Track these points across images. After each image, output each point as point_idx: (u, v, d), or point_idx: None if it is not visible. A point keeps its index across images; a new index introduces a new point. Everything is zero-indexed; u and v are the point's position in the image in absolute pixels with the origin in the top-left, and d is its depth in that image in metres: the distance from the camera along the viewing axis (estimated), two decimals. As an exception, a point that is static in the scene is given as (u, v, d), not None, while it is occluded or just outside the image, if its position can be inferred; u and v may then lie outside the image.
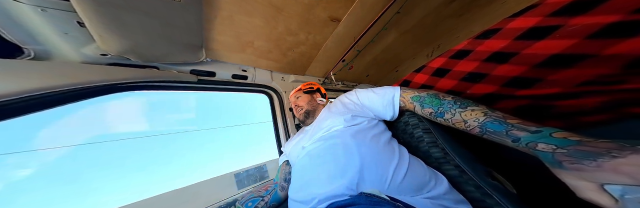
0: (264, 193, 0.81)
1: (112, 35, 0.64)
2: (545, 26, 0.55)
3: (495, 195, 0.51)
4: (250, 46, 1.04)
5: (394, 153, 0.62)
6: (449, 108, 0.59)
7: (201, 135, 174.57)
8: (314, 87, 1.10)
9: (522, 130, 0.44)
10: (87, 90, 0.70)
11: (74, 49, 0.67)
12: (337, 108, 0.83)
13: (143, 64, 0.82)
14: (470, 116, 0.54)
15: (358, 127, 0.71)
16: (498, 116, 0.50)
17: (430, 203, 0.50)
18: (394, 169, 0.56)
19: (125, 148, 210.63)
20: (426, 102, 0.64)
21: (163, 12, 0.66)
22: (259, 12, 0.90)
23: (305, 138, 0.81)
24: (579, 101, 0.64)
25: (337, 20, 1.11)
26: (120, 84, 0.76)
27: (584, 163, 0.33)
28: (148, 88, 0.85)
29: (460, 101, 0.58)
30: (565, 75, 0.59)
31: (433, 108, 0.62)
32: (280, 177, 0.87)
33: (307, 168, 0.65)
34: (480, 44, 0.70)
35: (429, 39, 1.61)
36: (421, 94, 0.67)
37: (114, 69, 0.74)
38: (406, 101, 0.71)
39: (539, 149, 0.39)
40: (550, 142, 0.39)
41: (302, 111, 1.00)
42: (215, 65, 1.04)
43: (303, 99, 1.04)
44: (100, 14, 0.58)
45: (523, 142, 0.43)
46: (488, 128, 0.49)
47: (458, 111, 0.57)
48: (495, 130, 0.48)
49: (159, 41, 0.74)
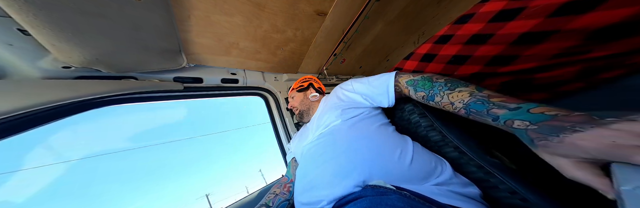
0: (289, 195, 0.74)
1: (68, 43, 0.52)
2: (511, 9, 0.59)
3: (497, 174, 0.51)
4: (236, 48, 0.93)
5: (397, 142, 0.59)
6: (438, 91, 0.54)
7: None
8: (304, 84, 1.00)
9: (502, 108, 0.40)
10: (55, 110, 0.59)
11: (29, 63, 0.55)
12: (333, 102, 0.77)
13: (117, 75, 0.70)
14: (457, 98, 0.49)
15: (356, 119, 0.66)
16: (483, 95, 0.46)
17: (438, 189, 0.48)
18: (398, 157, 0.53)
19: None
20: (419, 85, 0.59)
21: (124, 14, 0.54)
22: (238, 10, 0.78)
23: (306, 136, 0.77)
24: (555, 72, 0.70)
25: (324, 14, 0.99)
26: (94, 100, 0.65)
27: (549, 139, 0.30)
28: (128, 101, 0.74)
29: (451, 82, 0.54)
30: (538, 50, 0.63)
31: (425, 91, 0.57)
32: (293, 174, 0.81)
33: (310, 168, 0.61)
34: (459, 29, 0.72)
35: (413, 26, 1.58)
36: (416, 78, 0.62)
37: (83, 82, 0.62)
38: (402, 86, 0.65)
39: (515, 127, 0.36)
40: (525, 119, 0.36)
41: (297, 112, 0.94)
42: (201, 71, 0.93)
43: (296, 98, 0.96)
44: (42, 19, 0.45)
45: (501, 120, 0.39)
46: (472, 108, 0.46)
47: (446, 93, 0.52)
48: (478, 110, 0.44)
49: (128, 48, 0.62)
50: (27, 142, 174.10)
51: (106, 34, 0.55)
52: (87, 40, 0.54)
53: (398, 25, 1.46)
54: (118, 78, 0.70)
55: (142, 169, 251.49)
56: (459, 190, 0.49)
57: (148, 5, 0.56)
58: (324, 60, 1.43)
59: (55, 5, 0.46)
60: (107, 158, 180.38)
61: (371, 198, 0.39)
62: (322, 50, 1.28)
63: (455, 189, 0.49)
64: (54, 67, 0.58)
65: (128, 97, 0.72)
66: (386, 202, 0.37)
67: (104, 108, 0.72)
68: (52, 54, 0.54)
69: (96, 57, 0.58)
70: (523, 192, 0.47)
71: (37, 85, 0.56)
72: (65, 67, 0.59)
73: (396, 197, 0.39)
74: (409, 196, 0.40)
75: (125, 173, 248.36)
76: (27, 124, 0.56)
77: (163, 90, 0.80)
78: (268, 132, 1.29)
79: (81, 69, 0.61)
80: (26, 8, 0.43)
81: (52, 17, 0.46)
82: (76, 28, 0.50)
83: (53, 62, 0.56)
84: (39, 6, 0.44)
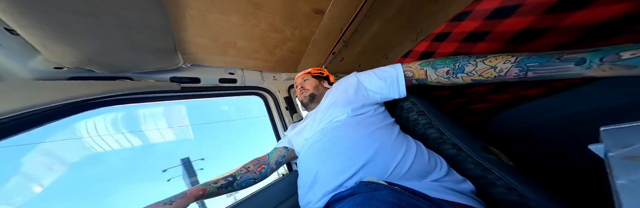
0: (257, 175, 0.74)
1: (58, 43, 0.50)
2: (507, 6, 0.58)
3: (494, 170, 0.51)
4: (233, 47, 0.90)
5: (402, 143, 0.57)
6: (466, 61, 0.52)
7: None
8: (324, 73, 0.99)
9: (576, 53, 0.37)
10: (48, 112, 0.57)
11: (19, 64, 0.52)
12: (337, 96, 0.74)
13: (112, 76, 0.68)
14: (498, 60, 0.47)
15: (363, 116, 0.65)
16: (529, 53, 0.44)
17: (429, 185, 0.49)
18: (399, 161, 0.52)
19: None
20: (438, 63, 0.58)
21: (116, 12, 0.52)
22: (235, 9, 0.76)
23: (307, 129, 0.75)
24: None
25: (322, 13, 0.97)
26: (89, 101, 0.63)
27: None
28: (124, 102, 0.72)
29: (474, 54, 0.53)
30: (534, 47, 0.62)
31: (448, 66, 0.55)
32: (273, 158, 0.80)
33: (313, 164, 0.59)
34: (456, 26, 0.71)
35: (411, 24, 1.58)
36: (428, 60, 0.61)
37: (77, 83, 0.60)
38: (414, 69, 0.63)
39: (629, 57, 0.31)
40: (630, 49, 0.31)
41: (307, 93, 0.90)
42: (198, 71, 0.90)
43: (310, 82, 0.94)
44: (31, 19, 0.43)
45: (594, 59, 0.34)
46: (530, 63, 0.43)
47: (479, 60, 0.50)
48: (543, 62, 0.41)
49: (121, 47, 0.60)
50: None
51: (98, 34, 0.53)
52: (78, 39, 0.51)
53: (396, 23, 1.44)
54: (113, 78, 0.68)
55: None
56: (452, 187, 0.50)
57: (141, 4, 0.54)
58: (323, 59, 1.41)
59: (43, 4, 0.43)
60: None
61: (364, 194, 0.40)
62: (321, 48, 1.26)
63: (449, 185, 0.50)
64: (46, 68, 0.55)
65: (124, 97, 0.70)
66: (377, 197, 0.37)
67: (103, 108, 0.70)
68: (43, 54, 0.51)
69: (89, 57, 0.56)
70: (520, 188, 0.47)
71: (29, 86, 0.54)
72: (57, 68, 0.57)
73: (387, 192, 0.39)
74: (399, 191, 0.40)
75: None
76: (20, 127, 0.54)
77: (160, 91, 0.78)
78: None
79: (74, 69, 0.59)
80: (13, 7, 0.41)
81: (40, 17, 0.44)
82: (66, 27, 0.48)
83: (44, 62, 0.54)
84: (27, 5, 0.42)
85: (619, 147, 0.24)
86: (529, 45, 0.63)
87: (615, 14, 0.48)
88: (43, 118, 0.57)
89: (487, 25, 0.65)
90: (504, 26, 0.62)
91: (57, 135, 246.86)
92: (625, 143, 0.24)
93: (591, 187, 0.57)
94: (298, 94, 0.96)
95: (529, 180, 0.49)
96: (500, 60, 0.47)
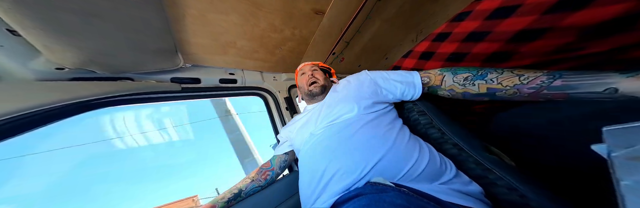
0: (263, 182, 0.75)
1: (60, 44, 0.50)
2: (507, 6, 0.58)
3: (495, 170, 0.50)
4: (233, 47, 0.91)
5: (415, 147, 0.55)
6: (493, 69, 0.52)
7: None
8: (330, 70, 0.98)
9: (609, 72, 0.38)
10: (50, 112, 0.57)
11: (20, 65, 0.53)
12: (348, 91, 0.71)
13: (113, 76, 0.68)
14: (528, 72, 0.47)
15: (374, 114, 0.62)
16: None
17: (439, 187, 0.47)
18: (414, 163, 0.50)
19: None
20: (461, 69, 0.57)
21: (116, 13, 0.52)
22: (234, 9, 0.76)
23: (311, 123, 0.70)
24: (554, 68, 0.69)
25: (322, 13, 0.97)
26: (90, 101, 0.63)
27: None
28: (125, 102, 0.72)
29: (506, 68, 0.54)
30: (534, 47, 0.63)
31: (471, 72, 0.55)
32: (276, 164, 0.80)
33: (318, 163, 0.56)
34: (456, 26, 0.73)
35: (411, 24, 1.58)
36: (452, 66, 0.61)
37: (78, 84, 0.60)
38: (432, 75, 0.63)
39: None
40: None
41: (319, 84, 0.83)
42: (199, 71, 0.90)
43: (320, 73, 0.90)
44: (32, 19, 0.43)
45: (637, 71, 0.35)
46: (565, 72, 0.42)
47: (507, 70, 0.50)
48: (580, 71, 0.41)
49: (122, 48, 0.60)
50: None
51: (99, 34, 0.53)
52: (79, 40, 0.52)
53: (396, 23, 1.41)
54: (114, 79, 0.68)
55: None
56: (461, 189, 0.48)
57: (142, 4, 0.54)
58: (323, 59, 1.40)
59: (45, 5, 0.43)
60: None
61: (370, 195, 0.38)
62: (321, 49, 1.26)
63: (458, 187, 0.48)
64: (47, 69, 0.56)
65: (125, 98, 0.70)
66: (384, 198, 0.36)
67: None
68: (45, 55, 0.52)
69: (90, 58, 0.56)
70: (521, 188, 0.46)
71: (31, 87, 0.54)
72: (59, 68, 0.57)
73: (395, 193, 0.38)
74: (407, 193, 0.39)
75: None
76: (22, 127, 0.54)
77: (161, 91, 0.78)
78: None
79: (75, 70, 0.59)
80: (15, 8, 0.41)
81: (42, 18, 0.44)
82: (68, 28, 0.48)
83: (46, 63, 0.54)
84: (29, 6, 0.42)
85: (622, 147, 0.24)
86: (528, 45, 0.63)
87: (615, 13, 0.48)
88: (45, 118, 0.57)
89: (487, 25, 0.65)
90: (504, 26, 0.62)
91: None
92: (628, 144, 0.24)
93: (591, 187, 0.57)
94: (304, 81, 0.87)
95: (529, 180, 0.49)
96: (532, 71, 0.46)
